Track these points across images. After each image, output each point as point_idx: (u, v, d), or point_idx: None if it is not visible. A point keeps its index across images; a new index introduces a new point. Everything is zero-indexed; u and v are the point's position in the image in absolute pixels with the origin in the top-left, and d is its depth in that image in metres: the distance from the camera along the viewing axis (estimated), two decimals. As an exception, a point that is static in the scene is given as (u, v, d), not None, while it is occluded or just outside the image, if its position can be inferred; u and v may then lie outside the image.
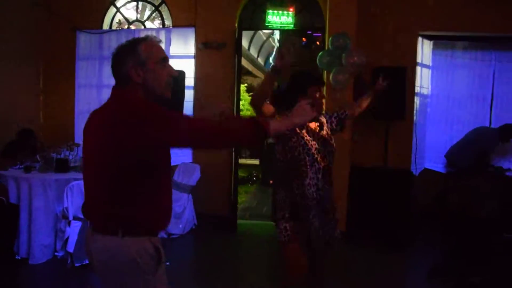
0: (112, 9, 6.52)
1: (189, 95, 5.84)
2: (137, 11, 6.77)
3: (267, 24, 5.95)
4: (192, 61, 6.08)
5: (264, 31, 10.38)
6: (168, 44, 6.12)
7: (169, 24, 6.38)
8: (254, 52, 11.74)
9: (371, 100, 3.05)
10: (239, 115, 1.90)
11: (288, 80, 2.67)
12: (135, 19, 6.76)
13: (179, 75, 5.57)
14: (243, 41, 6.57)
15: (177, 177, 5.65)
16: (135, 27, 6.72)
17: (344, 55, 5.07)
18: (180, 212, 5.33)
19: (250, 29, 8.52)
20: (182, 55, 6.12)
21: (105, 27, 6.47)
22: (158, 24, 7.10)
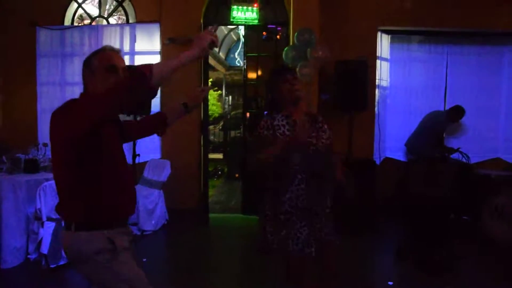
0: (73, 5, 6.36)
1: (156, 92, 5.82)
2: (100, 7, 6.65)
3: (232, 19, 6.02)
4: (157, 57, 6.05)
5: (226, 26, 10.42)
6: (133, 40, 6.08)
7: (132, 20, 6.32)
8: (215, 46, 11.77)
9: None
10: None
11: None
12: (97, 14, 6.64)
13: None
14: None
15: (147, 174, 5.66)
16: (97, 23, 6.61)
17: (309, 49, 5.25)
18: (151, 208, 5.36)
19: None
20: (147, 51, 6.10)
21: (67, 23, 6.32)
22: (117, 19, 6.99)
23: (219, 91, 14.38)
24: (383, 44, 6.31)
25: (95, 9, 6.83)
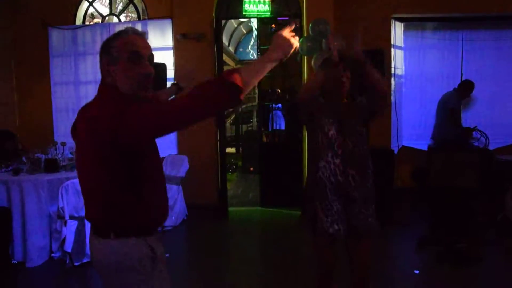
0: (84, 4, 6.36)
1: (169, 87, 5.83)
2: (110, 5, 6.64)
3: (244, 12, 5.98)
4: (170, 52, 6.05)
5: (235, 20, 10.38)
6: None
7: (144, 16, 6.30)
8: (225, 40, 11.72)
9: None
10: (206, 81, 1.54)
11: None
12: (109, 12, 6.63)
13: (161, 68, 5.55)
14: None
15: (165, 169, 5.65)
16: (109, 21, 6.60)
17: (324, 40, 5.19)
18: (171, 204, 5.35)
19: (227, 19, 8.50)
20: (160, 47, 6.08)
21: (78, 22, 6.32)
22: (132, 17, 6.99)
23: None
24: (397, 32, 6.24)
25: (106, 8, 6.81)
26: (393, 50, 6.14)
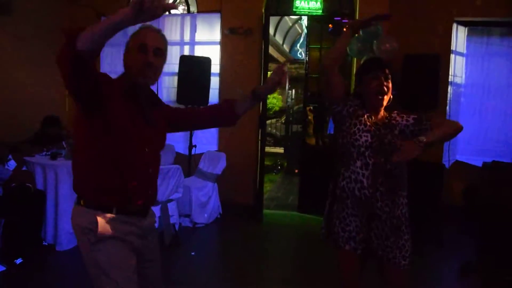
0: (137, -5, 6.43)
1: (214, 82, 5.77)
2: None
3: (294, 9, 5.78)
4: (217, 47, 5.97)
5: (290, 17, 10.18)
6: (193, 30, 6.04)
7: (193, 10, 6.27)
8: (279, 38, 11.56)
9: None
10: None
11: None
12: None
13: (205, 62, 5.49)
14: (268, 27, 6.43)
15: (203, 166, 5.59)
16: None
17: (375, 42, 4.88)
18: (204, 201, 5.28)
19: (277, 15, 8.32)
20: (207, 41, 6.04)
21: (130, 13, 6.39)
22: (182, 10, 7.00)
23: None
24: (459, 36, 5.76)
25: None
26: (452, 56, 5.67)
